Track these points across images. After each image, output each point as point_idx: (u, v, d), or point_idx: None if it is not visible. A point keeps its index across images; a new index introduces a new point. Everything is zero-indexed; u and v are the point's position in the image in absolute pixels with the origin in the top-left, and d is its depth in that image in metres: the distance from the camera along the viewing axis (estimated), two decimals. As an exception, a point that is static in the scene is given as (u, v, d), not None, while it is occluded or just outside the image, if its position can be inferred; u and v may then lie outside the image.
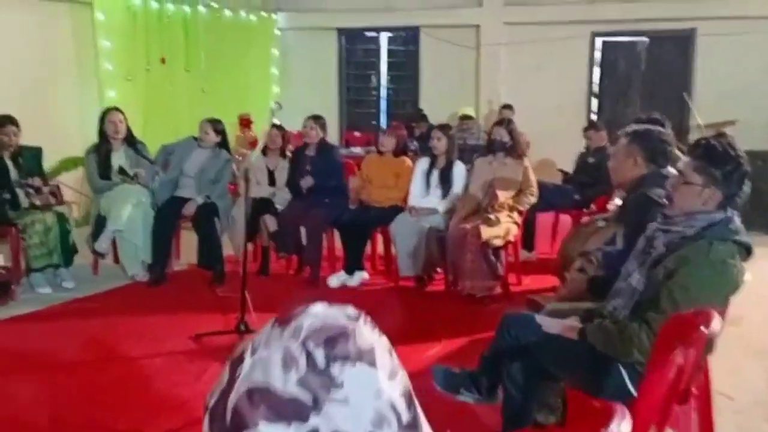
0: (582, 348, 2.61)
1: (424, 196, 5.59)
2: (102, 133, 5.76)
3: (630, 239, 3.04)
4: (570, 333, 2.70)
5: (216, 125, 5.90)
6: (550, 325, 2.78)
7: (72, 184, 7.04)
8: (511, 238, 5.27)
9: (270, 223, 5.76)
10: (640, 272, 2.66)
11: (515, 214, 5.37)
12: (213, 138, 5.86)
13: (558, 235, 6.37)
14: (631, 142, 3.32)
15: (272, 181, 5.99)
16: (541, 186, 5.90)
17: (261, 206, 5.79)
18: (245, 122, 8.72)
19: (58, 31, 7.59)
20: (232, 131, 8.06)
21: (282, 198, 5.90)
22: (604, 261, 3.46)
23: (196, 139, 5.92)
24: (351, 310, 1.28)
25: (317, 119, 6.00)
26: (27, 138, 5.67)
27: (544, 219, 6.51)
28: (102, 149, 5.75)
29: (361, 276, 5.62)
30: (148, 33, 8.31)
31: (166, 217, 5.64)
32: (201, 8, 8.92)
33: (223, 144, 5.94)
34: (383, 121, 10.14)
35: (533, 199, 5.51)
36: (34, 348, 4.18)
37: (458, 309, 4.98)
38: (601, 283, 3.01)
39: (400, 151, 5.91)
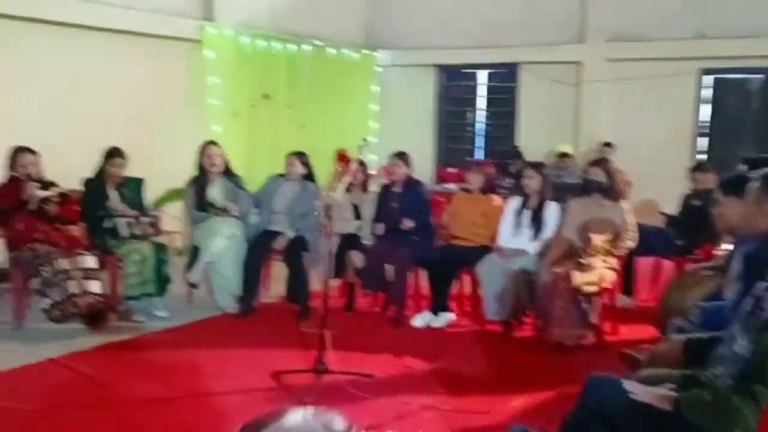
0: (675, 421, 2.28)
1: (514, 236, 5.30)
2: (200, 166, 5.80)
3: (742, 297, 2.65)
4: (662, 403, 2.36)
5: (302, 158, 5.86)
6: (640, 392, 2.44)
7: (177, 214, 7.16)
8: (605, 284, 4.89)
9: (356, 258, 5.61)
10: (745, 337, 2.32)
11: (611, 259, 4.99)
12: (299, 170, 5.81)
13: (659, 281, 5.89)
14: (765, 189, 2.91)
15: (358, 216, 5.85)
16: (642, 229, 5.49)
17: (348, 241, 5.66)
18: (343, 157, 8.67)
19: (171, 67, 7.78)
20: (330, 166, 8.03)
21: (368, 233, 5.75)
22: (705, 318, 3.09)
23: (282, 175, 5.87)
24: (339, 422, 1.04)
25: (401, 156, 5.83)
26: (137, 169, 5.79)
27: (645, 264, 6.04)
28: (199, 181, 5.78)
29: (447, 317, 5.36)
30: (254, 70, 8.42)
31: (257, 251, 5.59)
32: (305, 47, 8.99)
33: (310, 176, 5.87)
34: (478, 158, 9.87)
35: (631, 244, 5.11)
36: (113, 378, 4.16)
37: (546, 358, 4.64)
38: (700, 347, 2.66)
39: (488, 188, 5.64)
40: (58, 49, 6.62)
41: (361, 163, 5.84)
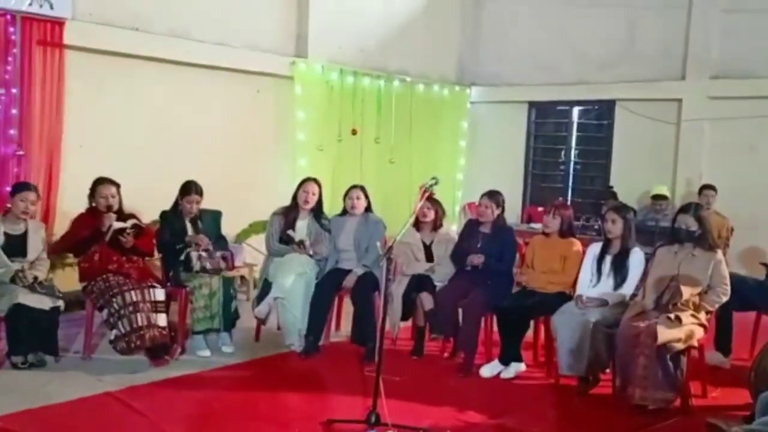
0: None
1: (593, 284, 4.85)
2: (294, 199, 5.67)
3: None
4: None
5: (364, 191, 5.67)
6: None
7: (258, 247, 7.10)
8: (694, 342, 4.36)
9: (426, 301, 5.30)
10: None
11: (702, 315, 4.46)
12: (363, 203, 5.62)
13: (759, 339, 5.25)
14: None
15: (429, 257, 5.55)
16: (742, 280, 4.95)
17: (418, 283, 5.36)
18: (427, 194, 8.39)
19: (260, 102, 7.80)
20: (413, 201, 7.79)
21: (441, 274, 5.44)
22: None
23: (343, 214, 5.67)
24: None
25: (494, 196, 5.47)
26: (222, 201, 5.76)
27: (743, 319, 5.40)
28: (288, 213, 5.64)
29: (517, 368, 4.95)
30: (342, 105, 8.33)
31: (325, 289, 5.39)
32: (395, 83, 8.85)
33: (369, 208, 5.69)
34: (570, 197, 9.34)
35: (724, 299, 4.55)
36: (164, 417, 4.00)
37: (625, 420, 4.18)
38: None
39: (567, 231, 5.21)
40: (150, 83, 6.73)
41: (432, 201, 5.53)
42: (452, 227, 6.11)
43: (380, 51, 8.89)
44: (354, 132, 8.42)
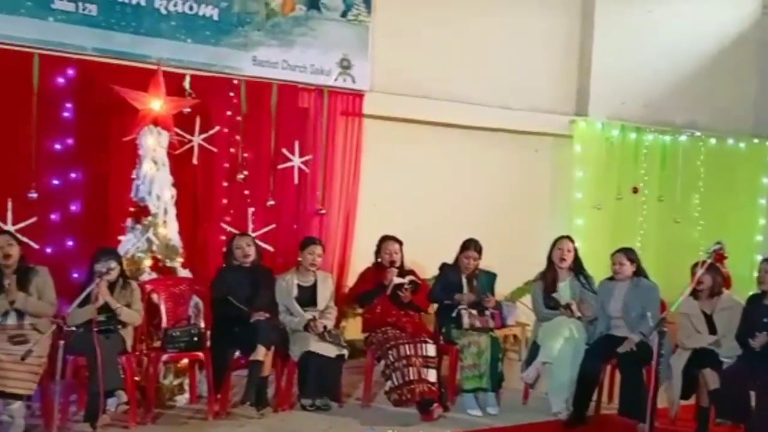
0: None
1: None
2: (549, 260, 5.51)
3: None
4: None
5: (629, 254, 5.22)
6: None
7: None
8: None
9: (711, 379, 4.68)
10: None
11: None
12: (628, 269, 5.16)
13: None
14: None
15: (712, 329, 4.91)
16: None
17: (701, 357, 4.77)
18: (718, 257, 7.52)
19: (538, 162, 7.70)
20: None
21: (727, 348, 4.79)
22: None
23: (611, 278, 5.26)
24: None
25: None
26: (496, 258, 5.78)
27: None
28: (547, 276, 5.47)
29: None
30: (623, 163, 7.88)
31: (596, 356, 5.03)
32: (682, 137, 8.16)
33: (639, 272, 5.20)
34: None
35: None
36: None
37: None
38: None
39: None
40: (433, 146, 6.99)
41: (714, 268, 4.92)
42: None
43: (665, 104, 8.23)
44: (635, 190, 7.90)
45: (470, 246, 5.57)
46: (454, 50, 7.07)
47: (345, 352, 5.08)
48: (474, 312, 5.36)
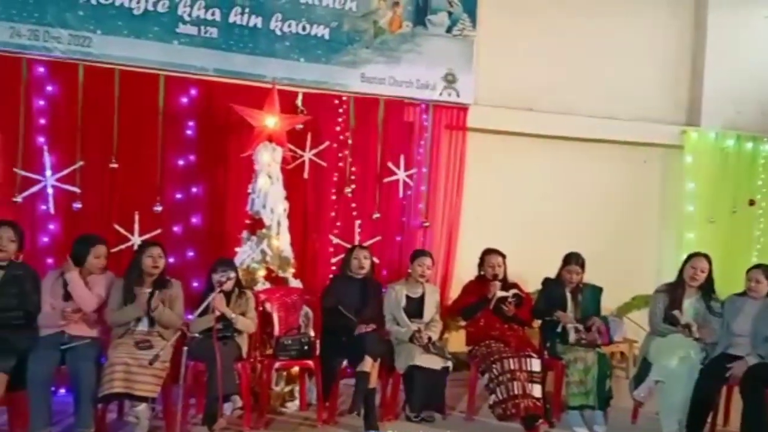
0: None
1: None
2: (680, 276, 5.23)
3: None
4: None
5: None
6: None
7: (640, 323, 6.69)
8: None
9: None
10: None
11: None
12: (765, 287, 4.86)
13: None
14: None
15: None
16: None
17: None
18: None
19: (646, 173, 7.41)
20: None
21: None
22: None
23: (743, 294, 4.96)
24: None
25: None
26: (602, 273, 5.60)
27: None
28: (675, 292, 5.18)
29: None
30: (738, 174, 7.47)
31: (711, 376, 4.77)
32: (804, 147, 7.65)
33: None
34: None
35: None
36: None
37: None
38: None
39: None
40: (536, 158, 6.89)
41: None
42: None
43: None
44: (752, 203, 7.48)
45: (572, 260, 5.43)
46: (559, 61, 6.95)
47: (450, 364, 5.06)
48: (580, 327, 5.22)
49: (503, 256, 5.50)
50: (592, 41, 7.08)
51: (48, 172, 5.24)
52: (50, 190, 5.25)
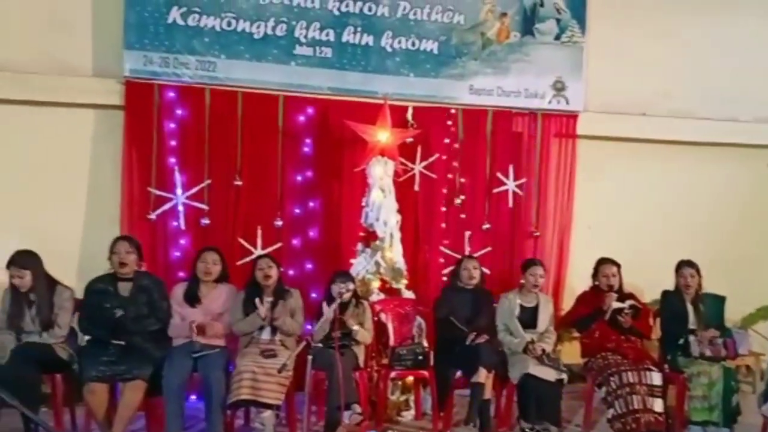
0: None
1: None
2: None
3: None
4: None
5: None
6: None
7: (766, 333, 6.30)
8: None
9: None
10: None
11: None
12: None
13: None
14: None
15: None
16: None
17: None
18: None
19: (756, 176, 6.97)
20: None
21: None
22: None
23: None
24: None
25: None
26: (724, 282, 5.41)
27: None
28: None
29: None
30: None
31: None
32: None
33: None
34: None
35: None
36: None
37: None
38: None
39: None
40: (651, 164, 6.60)
41: None
42: None
43: None
44: None
45: (683, 264, 5.24)
46: (671, 64, 6.66)
47: (564, 376, 4.93)
48: (703, 339, 4.97)
49: (618, 266, 5.32)
50: (706, 42, 6.74)
51: (179, 191, 5.53)
52: (181, 208, 5.54)
